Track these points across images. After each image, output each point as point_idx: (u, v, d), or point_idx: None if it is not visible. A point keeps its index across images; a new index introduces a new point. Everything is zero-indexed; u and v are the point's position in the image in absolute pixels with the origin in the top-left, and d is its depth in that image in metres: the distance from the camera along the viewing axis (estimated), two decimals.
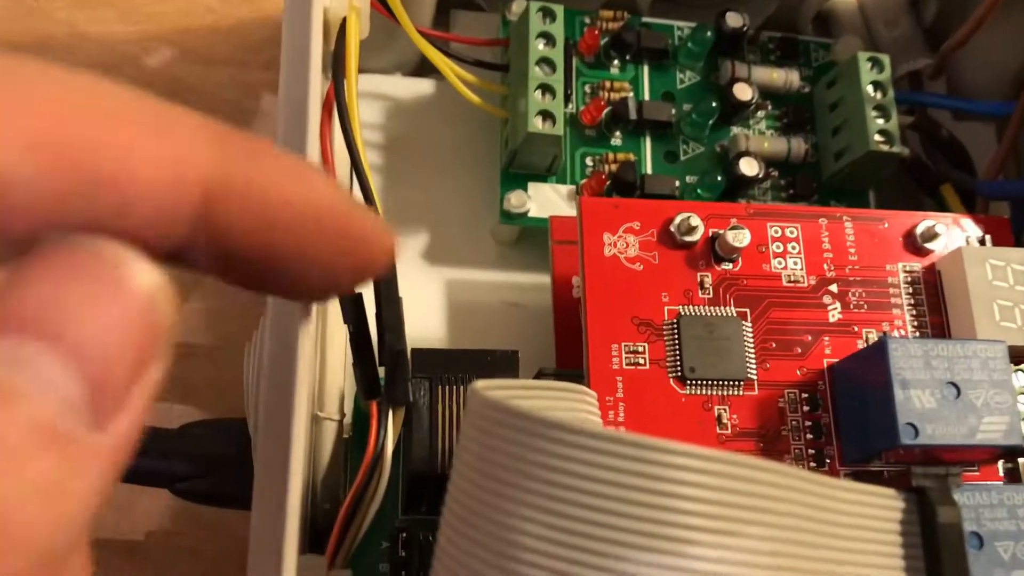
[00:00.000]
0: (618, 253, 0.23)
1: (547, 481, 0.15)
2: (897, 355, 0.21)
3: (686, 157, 0.29)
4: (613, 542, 0.15)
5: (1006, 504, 0.21)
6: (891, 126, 0.28)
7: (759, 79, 0.30)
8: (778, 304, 0.24)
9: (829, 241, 0.24)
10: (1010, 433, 0.21)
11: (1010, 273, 0.24)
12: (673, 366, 0.23)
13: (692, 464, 0.15)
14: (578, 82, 0.29)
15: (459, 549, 0.15)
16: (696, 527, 0.15)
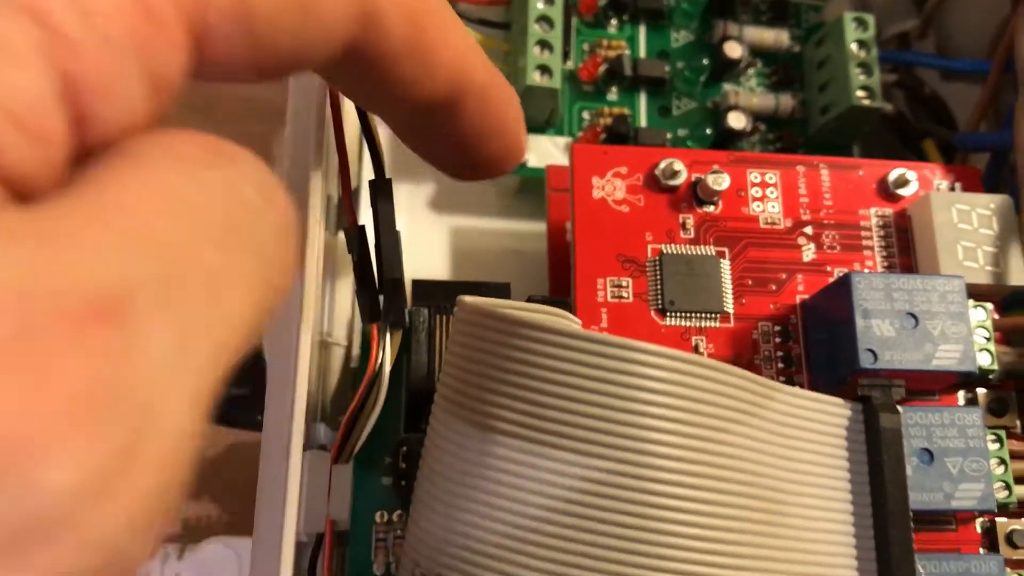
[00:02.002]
0: (606, 196, 0.25)
1: (520, 373, 0.16)
2: (860, 287, 0.23)
3: (679, 112, 0.31)
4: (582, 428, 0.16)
5: (957, 424, 0.22)
6: (873, 82, 0.29)
7: (750, 38, 0.31)
8: (755, 244, 0.25)
9: (805, 187, 0.26)
10: (964, 360, 0.22)
11: (975, 217, 0.25)
12: (654, 299, 0.24)
13: (656, 362, 0.17)
14: (577, 41, 0.31)
15: (444, 426, 0.17)
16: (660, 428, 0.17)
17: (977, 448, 0.22)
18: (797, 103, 0.31)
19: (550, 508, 0.16)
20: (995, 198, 0.25)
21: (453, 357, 0.18)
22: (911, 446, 0.22)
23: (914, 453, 0.22)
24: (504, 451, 0.16)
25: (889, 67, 0.31)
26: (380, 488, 0.24)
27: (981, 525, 0.24)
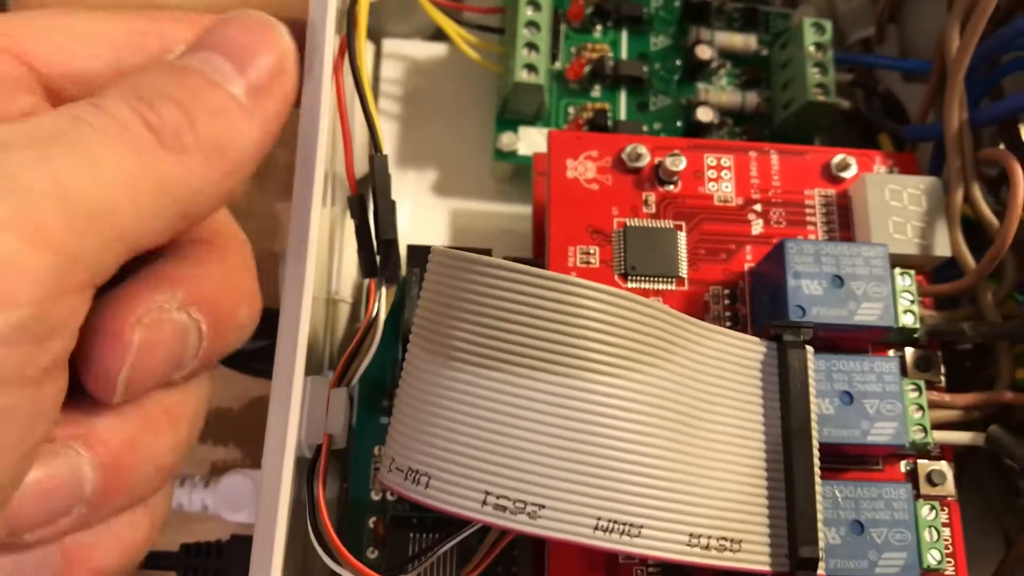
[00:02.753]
0: (578, 176, 0.29)
1: (476, 304, 0.20)
2: (792, 252, 0.26)
3: (655, 108, 0.34)
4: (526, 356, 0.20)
5: (875, 371, 0.25)
6: (828, 80, 0.33)
7: (721, 42, 0.35)
8: (709, 219, 0.29)
9: (756, 170, 0.30)
10: (884, 316, 0.26)
11: (905, 196, 0.28)
12: (618, 265, 0.28)
13: (592, 295, 0.20)
14: (565, 44, 0.35)
15: (412, 356, 0.21)
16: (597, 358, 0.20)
17: (892, 392, 0.25)
18: (762, 100, 0.34)
19: (501, 421, 0.20)
20: (925, 179, 0.29)
21: (423, 297, 0.22)
22: (834, 388, 0.25)
23: (836, 395, 0.25)
24: (460, 375, 0.20)
25: (847, 68, 0.35)
26: (379, 426, 0.28)
27: (905, 466, 0.27)
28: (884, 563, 0.24)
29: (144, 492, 0.20)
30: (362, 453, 0.28)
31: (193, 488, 0.29)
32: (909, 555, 0.24)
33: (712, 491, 0.21)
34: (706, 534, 0.21)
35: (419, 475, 0.20)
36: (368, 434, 0.28)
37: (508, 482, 0.20)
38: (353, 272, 0.30)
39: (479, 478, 0.20)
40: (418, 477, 0.20)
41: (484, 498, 0.20)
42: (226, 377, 0.32)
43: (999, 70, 0.30)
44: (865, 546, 0.24)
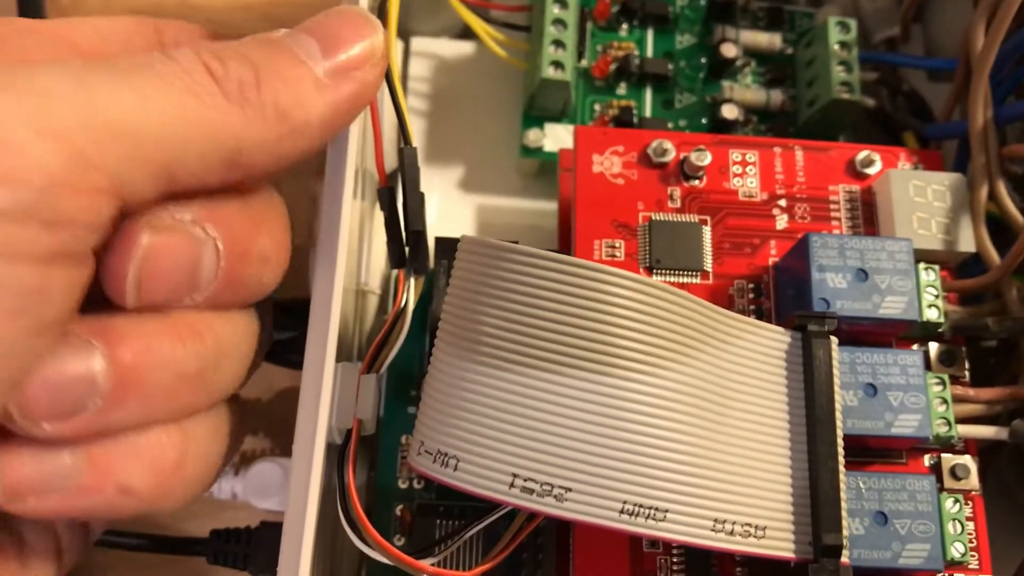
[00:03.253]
0: (604, 170, 0.29)
1: (506, 290, 0.21)
2: (816, 246, 0.26)
3: (680, 105, 0.35)
4: (556, 352, 0.20)
5: (899, 363, 0.26)
6: (852, 78, 0.33)
7: (745, 41, 0.35)
8: (734, 214, 0.29)
9: (781, 165, 0.30)
10: (908, 310, 0.26)
11: (929, 192, 0.29)
12: (643, 258, 0.28)
13: (623, 283, 0.21)
14: (591, 42, 0.35)
15: (443, 344, 0.22)
16: (627, 353, 0.21)
17: (916, 384, 0.25)
18: (787, 98, 0.35)
19: (529, 410, 0.20)
20: (949, 176, 0.29)
21: (452, 285, 0.22)
22: (858, 381, 0.25)
23: (860, 387, 0.25)
24: (488, 368, 0.20)
25: (872, 67, 0.35)
26: (406, 416, 0.28)
27: (929, 460, 0.27)
28: (908, 554, 0.24)
29: (165, 401, 0.20)
30: (389, 442, 0.28)
31: (223, 476, 0.30)
32: (933, 547, 0.24)
33: (737, 478, 0.21)
34: (731, 520, 0.21)
35: (448, 458, 0.20)
36: (395, 423, 0.28)
37: (536, 465, 0.20)
38: (382, 264, 0.31)
39: (507, 460, 0.20)
40: (447, 460, 0.21)
41: (512, 480, 0.20)
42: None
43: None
44: (889, 537, 0.24)
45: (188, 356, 0.20)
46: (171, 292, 0.19)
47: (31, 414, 0.18)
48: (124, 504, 0.19)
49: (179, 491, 0.20)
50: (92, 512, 0.20)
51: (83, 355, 0.18)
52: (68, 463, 0.19)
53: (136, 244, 0.18)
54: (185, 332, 0.20)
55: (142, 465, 0.19)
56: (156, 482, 0.20)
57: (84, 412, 0.18)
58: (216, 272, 0.20)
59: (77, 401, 0.18)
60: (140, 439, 0.19)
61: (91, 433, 0.19)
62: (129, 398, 0.19)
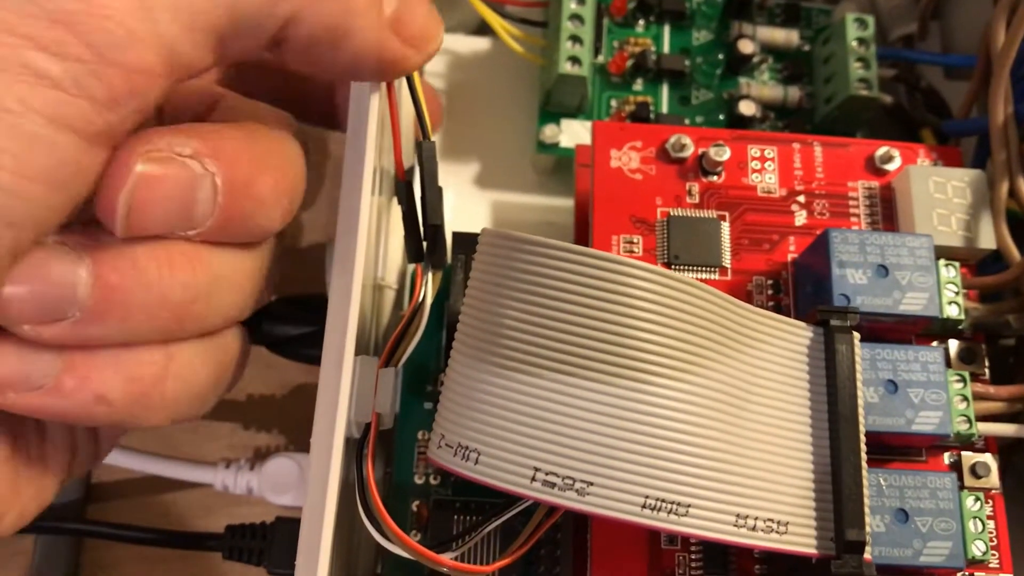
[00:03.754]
0: (622, 165, 0.29)
1: (527, 282, 0.20)
2: (836, 241, 0.26)
3: (697, 102, 0.35)
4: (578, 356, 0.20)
5: (920, 360, 0.25)
6: (870, 75, 0.33)
7: (763, 37, 0.35)
8: (753, 210, 0.29)
9: (800, 161, 0.30)
10: (929, 306, 0.26)
11: (949, 188, 0.28)
12: (662, 254, 0.28)
13: (645, 275, 0.20)
14: (608, 38, 0.35)
15: (464, 338, 0.21)
16: (651, 357, 0.20)
17: (937, 382, 0.25)
18: (804, 95, 0.35)
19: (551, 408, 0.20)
20: (969, 172, 0.29)
21: (473, 278, 0.22)
22: (879, 377, 0.25)
23: (881, 383, 0.25)
24: (509, 371, 0.20)
25: (889, 63, 0.35)
26: (423, 411, 0.28)
27: (949, 457, 0.27)
28: (929, 552, 0.24)
29: (148, 324, 0.20)
30: (406, 437, 0.28)
31: (239, 471, 0.30)
32: (954, 544, 0.24)
33: (760, 473, 0.21)
34: (753, 515, 0.21)
35: (469, 451, 0.20)
36: (412, 419, 0.28)
37: (558, 459, 0.20)
38: (399, 259, 0.31)
39: (529, 454, 0.20)
40: (468, 453, 0.20)
41: (533, 474, 0.20)
42: (270, 363, 0.32)
43: None
44: (910, 534, 0.24)
45: (176, 285, 0.20)
46: (163, 224, 0.19)
47: (14, 314, 0.18)
48: (100, 412, 0.20)
49: (159, 409, 0.21)
50: (69, 416, 0.20)
51: (69, 263, 0.19)
52: (48, 365, 0.19)
53: (129, 172, 0.18)
54: (177, 261, 0.20)
55: (120, 378, 0.20)
56: (133, 396, 0.20)
57: (63, 321, 0.19)
58: (213, 208, 0.20)
59: (57, 308, 0.19)
60: (121, 353, 0.20)
61: (71, 342, 0.19)
62: (110, 315, 0.19)
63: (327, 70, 0.22)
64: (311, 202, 0.36)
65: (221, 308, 0.22)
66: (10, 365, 0.19)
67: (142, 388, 0.20)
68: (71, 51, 0.17)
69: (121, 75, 0.17)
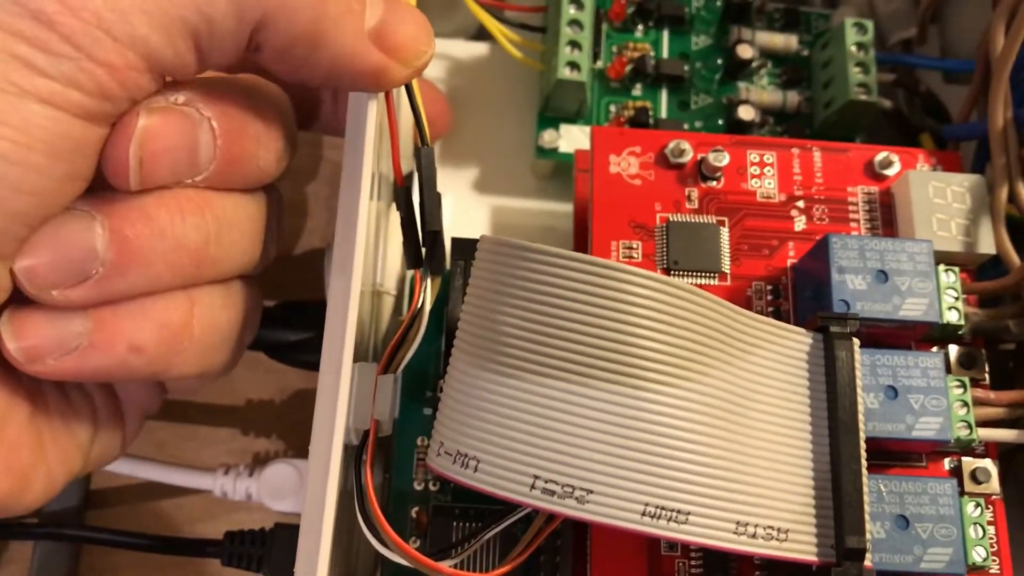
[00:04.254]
0: (621, 171, 0.29)
1: (526, 290, 0.20)
2: (836, 247, 0.26)
3: (696, 107, 0.35)
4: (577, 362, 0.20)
5: (920, 366, 0.25)
6: (870, 79, 0.33)
7: (761, 42, 0.35)
8: (752, 215, 0.29)
9: (799, 166, 0.30)
10: (928, 311, 0.26)
11: (949, 193, 0.28)
12: (661, 259, 0.28)
13: (648, 284, 0.20)
14: (607, 43, 0.35)
15: (463, 345, 0.21)
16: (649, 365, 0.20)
17: (937, 387, 0.25)
18: (803, 99, 0.35)
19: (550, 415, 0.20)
20: (969, 177, 0.29)
21: (472, 284, 0.22)
22: (879, 383, 0.25)
23: (881, 389, 0.25)
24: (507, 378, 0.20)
25: (888, 68, 0.35)
26: (422, 417, 0.28)
27: (949, 463, 0.27)
28: (929, 558, 0.24)
29: (168, 270, 0.21)
30: (405, 444, 0.28)
31: (238, 477, 0.30)
32: (955, 550, 0.24)
33: (760, 481, 0.21)
34: (753, 523, 0.21)
35: (468, 459, 0.20)
36: (411, 425, 0.28)
37: (557, 467, 0.20)
38: (397, 266, 0.30)
39: (528, 462, 0.20)
40: (467, 461, 0.20)
41: (533, 482, 0.20)
42: (269, 369, 0.32)
43: None
44: (910, 541, 0.24)
45: (188, 228, 0.21)
46: (172, 171, 0.21)
47: (40, 282, 0.20)
48: (136, 363, 0.21)
49: (190, 354, 0.22)
50: (108, 372, 0.21)
51: (83, 223, 0.20)
52: (79, 325, 0.20)
53: (134, 127, 0.20)
54: (186, 206, 0.21)
55: (150, 325, 0.21)
56: (164, 340, 0.21)
57: (88, 279, 0.20)
58: (214, 152, 0.21)
59: (81, 268, 0.20)
60: (147, 303, 0.21)
61: (98, 300, 0.20)
62: (131, 266, 0.20)
63: (310, 78, 0.22)
64: (310, 208, 0.36)
65: (232, 251, 0.23)
66: (43, 333, 0.20)
67: (171, 332, 0.21)
68: (55, 48, 0.18)
69: (107, 71, 0.19)
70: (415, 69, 0.23)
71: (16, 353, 0.20)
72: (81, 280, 0.20)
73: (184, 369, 0.22)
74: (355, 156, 0.24)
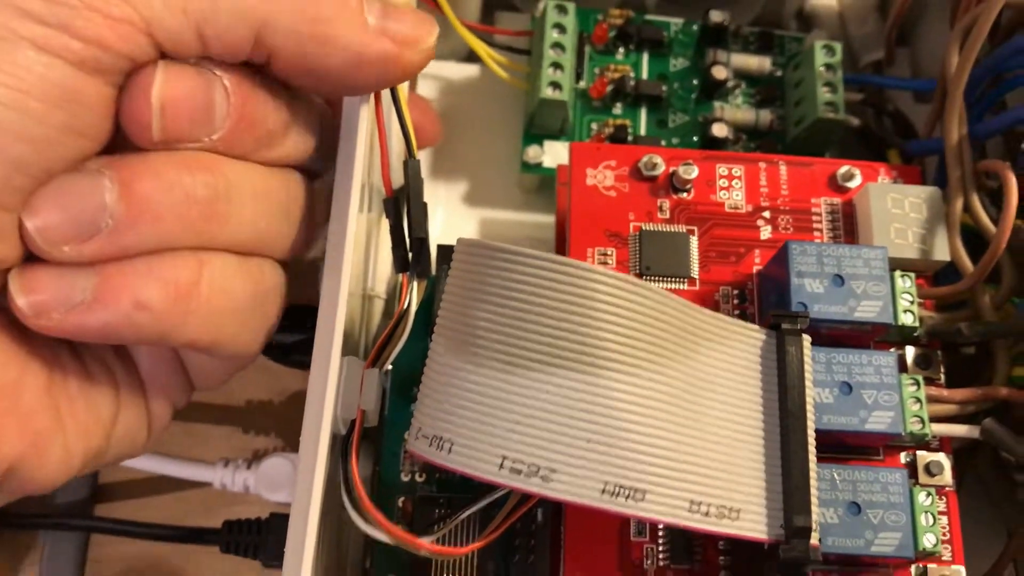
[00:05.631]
0: (597, 183, 0.31)
1: (497, 287, 0.22)
2: (795, 253, 0.28)
3: (674, 125, 0.36)
4: (542, 352, 0.22)
5: (873, 364, 0.27)
6: (837, 98, 0.35)
7: (736, 64, 0.37)
8: (720, 225, 0.31)
9: (766, 179, 0.31)
10: (882, 313, 0.27)
11: (907, 204, 0.30)
12: (634, 265, 0.30)
13: (608, 281, 0.22)
14: (590, 65, 0.37)
15: (440, 337, 0.23)
16: (609, 349, 0.22)
17: (890, 384, 0.27)
18: (776, 118, 0.36)
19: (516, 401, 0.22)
20: (926, 189, 0.30)
21: (449, 282, 0.24)
22: (833, 379, 0.27)
23: (836, 385, 0.27)
24: (479, 366, 0.22)
25: (857, 88, 0.37)
26: (409, 414, 0.30)
27: (905, 457, 0.28)
28: (880, 542, 0.25)
29: (177, 224, 0.21)
30: (393, 438, 0.30)
31: (236, 469, 0.32)
32: (904, 536, 0.26)
33: (714, 463, 0.23)
34: (706, 502, 0.22)
35: (443, 441, 0.22)
36: (400, 421, 0.30)
37: (523, 448, 0.22)
38: (387, 271, 0.32)
39: (497, 444, 0.22)
40: (442, 443, 0.22)
41: (501, 462, 0.22)
42: (267, 371, 0.34)
43: (1002, 86, 0.32)
44: (862, 526, 0.26)
45: (197, 183, 0.22)
46: (191, 123, 0.22)
47: (52, 238, 0.20)
48: (142, 320, 0.21)
49: (199, 316, 0.22)
50: (114, 328, 0.21)
51: (93, 178, 0.20)
52: (85, 280, 0.21)
53: (152, 75, 0.21)
54: (194, 164, 0.22)
55: (156, 282, 0.21)
56: (169, 298, 0.21)
57: (99, 234, 0.20)
58: (227, 110, 0.22)
59: (91, 223, 0.20)
60: (154, 260, 0.21)
61: (109, 254, 0.21)
62: (141, 219, 0.21)
63: (326, 80, 0.23)
64: None
65: (244, 216, 0.23)
66: (50, 288, 0.21)
67: (178, 290, 0.22)
68: None
69: (105, 22, 0.19)
70: (425, 54, 0.24)
71: (24, 307, 0.21)
72: (92, 235, 0.20)
73: (192, 333, 0.22)
74: (346, 167, 0.26)
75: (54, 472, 0.22)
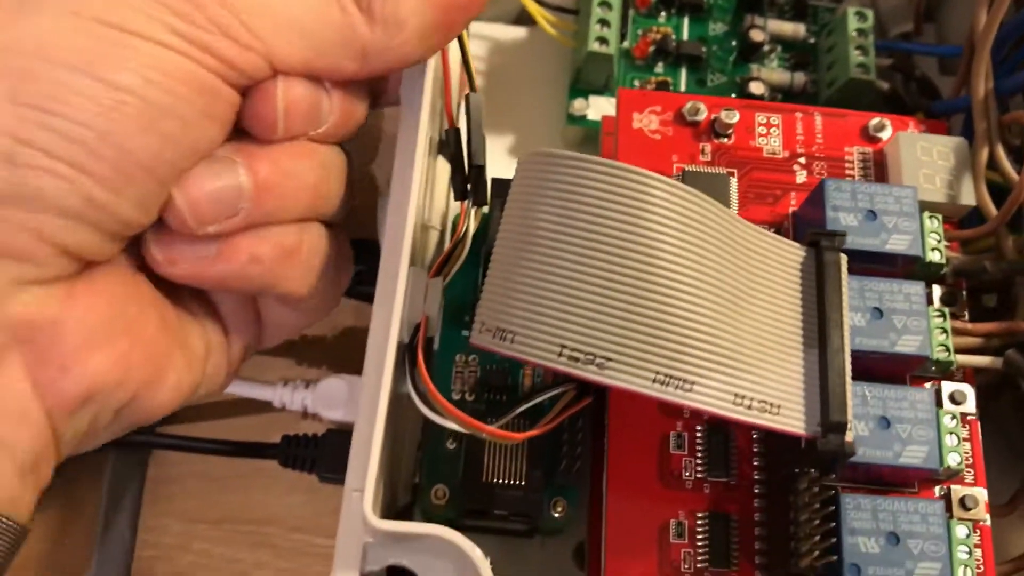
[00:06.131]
0: (643, 127, 0.33)
1: (560, 187, 0.24)
2: (831, 189, 0.29)
3: (712, 84, 0.38)
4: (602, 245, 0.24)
5: (903, 291, 0.29)
6: (868, 61, 0.36)
7: (772, 29, 0.39)
8: (759, 168, 0.33)
9: (802, 128, 0.33)
10: (912, 246, 0.29)
11: (935, 152, 0.32)
12: None
13: (666, 188, 0.24)
14: (633, 27, 0.39)
15: (502, 243, 0.25)
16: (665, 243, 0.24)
17: (918, 311, 0.28)
18: (809, 80, 0.38)
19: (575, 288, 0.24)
20: (953, 139, 0.32)
21: (514, 189, 0.26)
22: (866, 305, 0.28)
23: (868, 310, 0.28)
24: (541, 250, 0.24)
25: (887, 54, 0.38)
26: (460, 338, 0.32)
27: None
28: (908, 454, 0.27)
29: (293, 202, 0.25)
30: (445, 360, 0.32)
31: (295, 390, 0.33)
32: (931, 449, 0.27)
33: (758, 361, 0.24)
34: (749, 396, 0.24)
35: (505, 332, 0.24)
36: (451, 345, 0.32)
37: (581, 337, 0.23)
38: (442, 205, 0.34)
39: (556, 333, 0.23)
40: (504, 334, 0.24)
41: (560, 350, 0.23)
42: None
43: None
44: (891, 439, 0.27)
45: (305, 169, 0.26)
46: (305, 121, 0.25)
47: (202, 220, 0.24)
48: (254, 271, 0.25)
49: (300, 269, 0.26)
50: (230, 276, 0.25)
51: (231, 169, 0.24)
52: (212, 243, 0.25)
53: (277, 86, 0.24)
54: (301, 153, 0.26)
55: (268, 244, 0.25)
56: (279, 256, 0.25)
57: (237, 215, 0.24)
58: (331, 108, 0.26)
59: (232, 206, 0.24)
60: (266, 229, 0.25)
61: (238, 229, 0.25)
62: (266, 200, 0.25)
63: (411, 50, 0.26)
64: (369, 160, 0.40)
65: (334, 192, 0.27)
66: (181, 244, 0.24)
67: (285, 250, 0.26)
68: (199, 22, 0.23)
69: (235, 47, 0.23)
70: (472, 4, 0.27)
71: (158, 255, 0.24)
72: (232, 216, 0.24)
73: (291, 285, 0.26)
74: (415, 98, 0.28)
75: (167, 401, 0.25)
